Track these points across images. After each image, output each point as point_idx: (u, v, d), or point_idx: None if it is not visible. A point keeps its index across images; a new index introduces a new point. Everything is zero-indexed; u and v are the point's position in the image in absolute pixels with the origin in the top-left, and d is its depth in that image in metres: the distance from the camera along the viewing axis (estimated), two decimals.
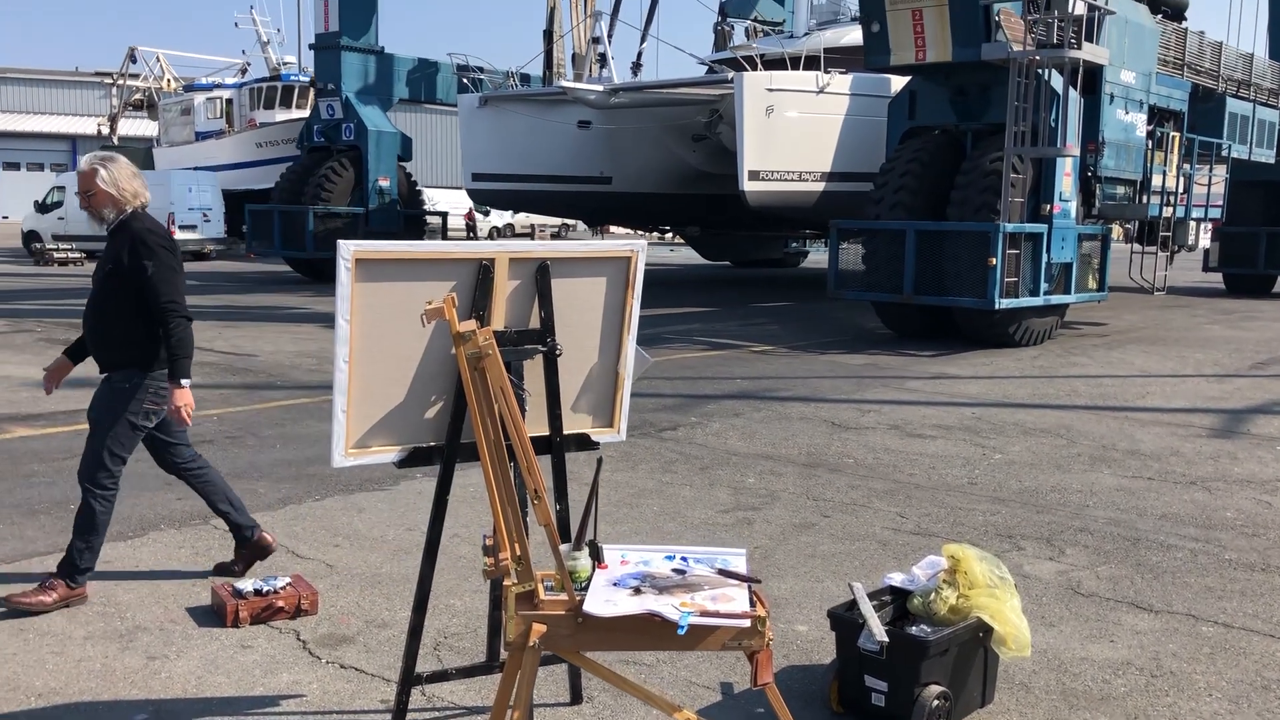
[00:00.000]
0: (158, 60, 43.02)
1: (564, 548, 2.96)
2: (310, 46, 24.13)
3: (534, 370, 3.40)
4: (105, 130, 45.60)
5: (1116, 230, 18.93)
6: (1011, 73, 13.24)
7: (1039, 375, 11.95)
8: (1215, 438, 8.70)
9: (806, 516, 6.15)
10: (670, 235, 34.88)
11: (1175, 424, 9.22)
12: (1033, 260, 14.06)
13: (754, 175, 17.79)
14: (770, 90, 17.56)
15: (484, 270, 3.22)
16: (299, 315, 16.90)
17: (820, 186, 18.65)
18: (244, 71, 40.40)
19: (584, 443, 3.59)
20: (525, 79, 24.84)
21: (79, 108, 62.66)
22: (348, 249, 3.07)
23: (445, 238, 25.93)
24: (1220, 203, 18.74)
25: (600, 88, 19.76)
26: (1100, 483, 7.08)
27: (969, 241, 13.66)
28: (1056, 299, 14.63)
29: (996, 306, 13.43)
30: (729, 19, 26.56)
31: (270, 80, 35.71)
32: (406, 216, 24.28)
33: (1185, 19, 21.05)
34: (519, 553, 2.85)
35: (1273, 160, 21.59)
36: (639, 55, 20.81)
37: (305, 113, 30.20)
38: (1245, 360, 13.50)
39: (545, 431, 3.43)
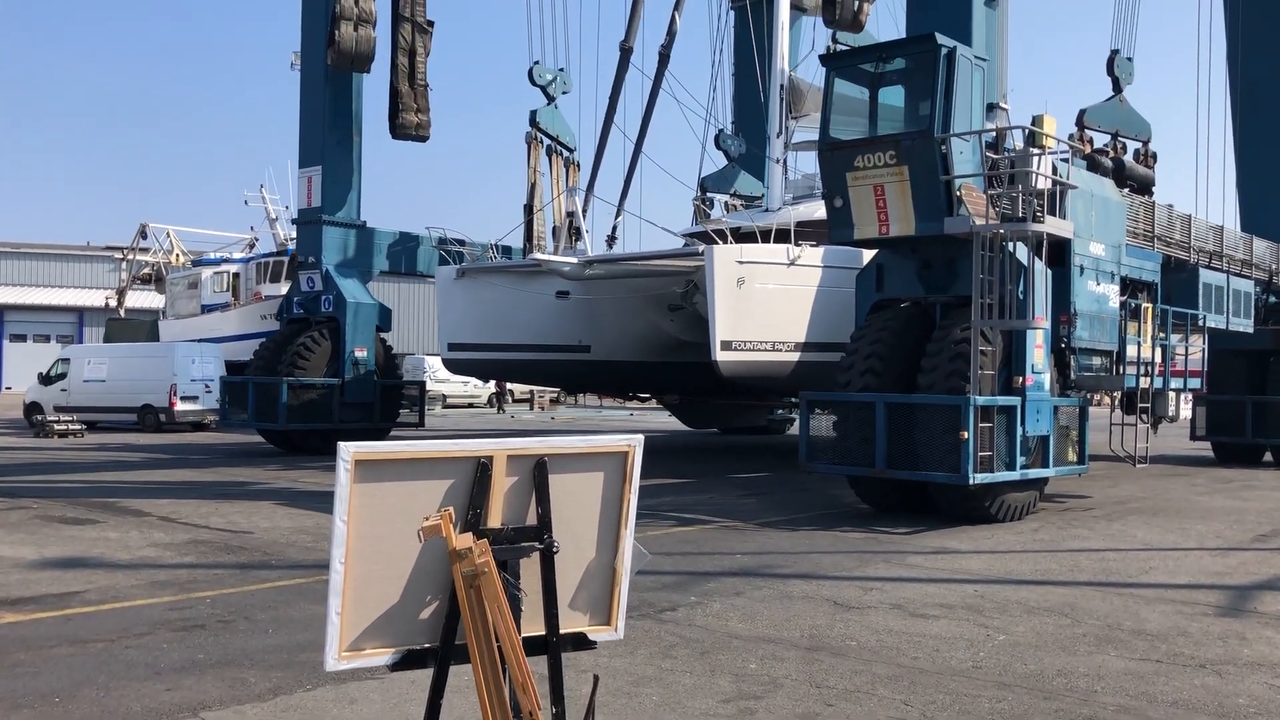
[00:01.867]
0: (168, 236, 44.09)
1: None
2: (293, 221, 24.50)
3: (530, 568, 3.40)
4: (113, 303, 46.38)
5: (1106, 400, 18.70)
6: (975, 246, 13.19)
7: (1041, 549, 11.78)
8: (1222, 616, 8.51)
9: (810, 706, 5.96)
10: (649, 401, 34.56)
11: (1181, 601, 9.06)
12: (1007, 433, 13.67)
13: (726, 345, 17.64)
14: (741, 262, 17.60)
15: (482, 468, 3.24)
16: (294, 492, 16.57)
17: (795, 356, 18.49)
18: (252, 246, 41.25)
19: (581, 642, 3.59)
20: (506, 251, 25.09)
21: (88, 281, 63.82)
22: (347, 451, 3.09)
23: (424, 408, 25.62)
24: (1200, 372, 18.48)
25: (575, 259, 19.87)
26: (1107, 665, 6.86)
27: (940, 414, 13.32)
28: (1034, 473, 14.19)
29: (971, 481, 12.98)
30: (708, 194, 27.08)
31: (277, 255, 36.36)
32: (383, 387, 24.07)
33: (1153, 193, 21.42)
34: None
35: (1251, 330, 21.54)
36: (614, 229, 21.07)
37: None
38: (1247, 532, 13.31)
39: (541, 631, 3.41)
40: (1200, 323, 18.81)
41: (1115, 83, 24.24)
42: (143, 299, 50.17)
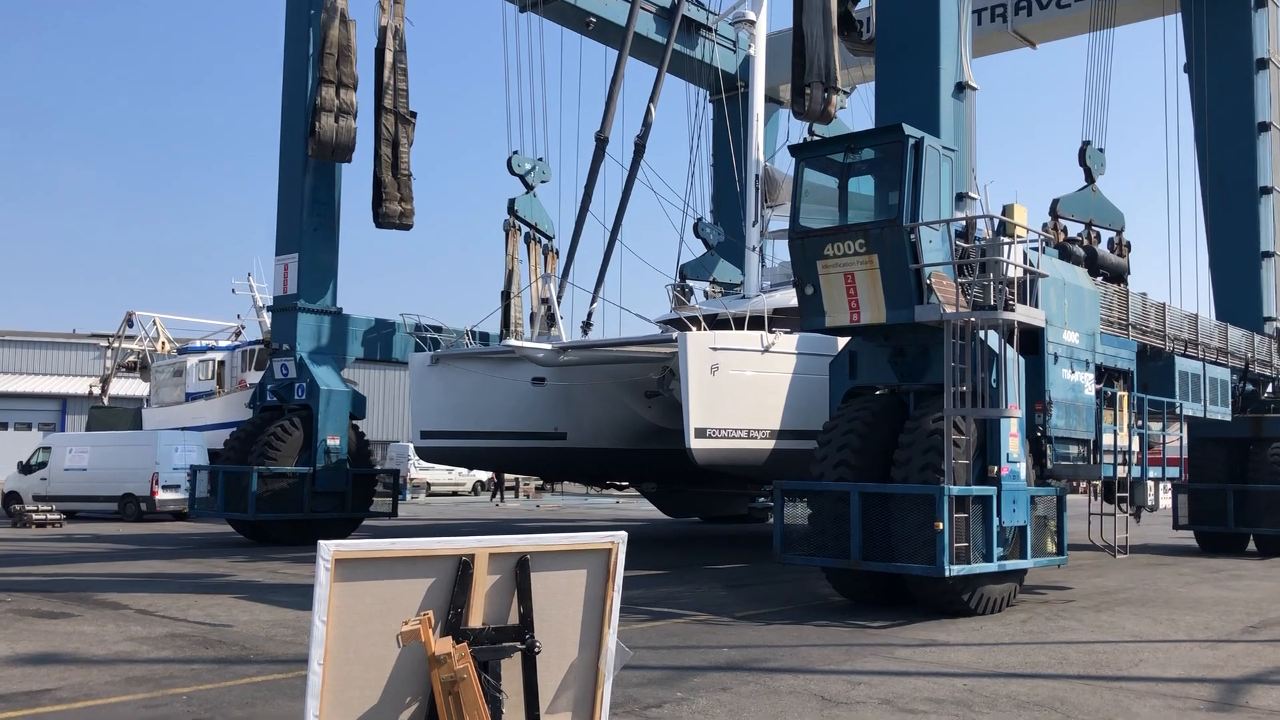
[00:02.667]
0: (154, 324, 44.00)
1: None
2: (268, 309, 24.38)
3: (512, 668, 3.33)
4: (96, 391, 46.12)
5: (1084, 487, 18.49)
6: (946, 334, 13.11)
7: (1029, 641, 11.62)
8: (1215, 711, 8.35)
9: None
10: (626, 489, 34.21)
11: (1172, 695, 8.92)
12: (984, 524, 13.43)
13: (700, 433, 17.47)
14: (715, 349, 17.52)
15: (463, 567, 3.19)
16: (274, 585, 16.23)
17: (770, 444, 18.30)
18: (238, 334, 41.15)
19: None
20: (484, 337, 25.01)
21: (71, 368, 63.46)
22: (328, 549, 3.07)
23: (397, 497, 25.22)
24: (1178, 460, 18.31)
25: (549, 346, 19.77)
26: None
27: (915, 505, 13.09)
28: (1012, 564, 13.90)
29: (947, 573, 12.69)
30: (688, 281, 27.15)
31: (263, 343, 36.17)
32: (356, 475, 23.70)
33: (1127, 281, 21.52)
34: None
35: (1229, 418, 21.47)
36: (589, 315, 21.03)
37: None
38: (1236, 624, 13.18)
39: None
40: (1177, 411, 18.73)
41: (1087, 173, 24.52)
42: (127, 387, 49.91)
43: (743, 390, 17.87)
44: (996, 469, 13.68)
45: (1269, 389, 24.50)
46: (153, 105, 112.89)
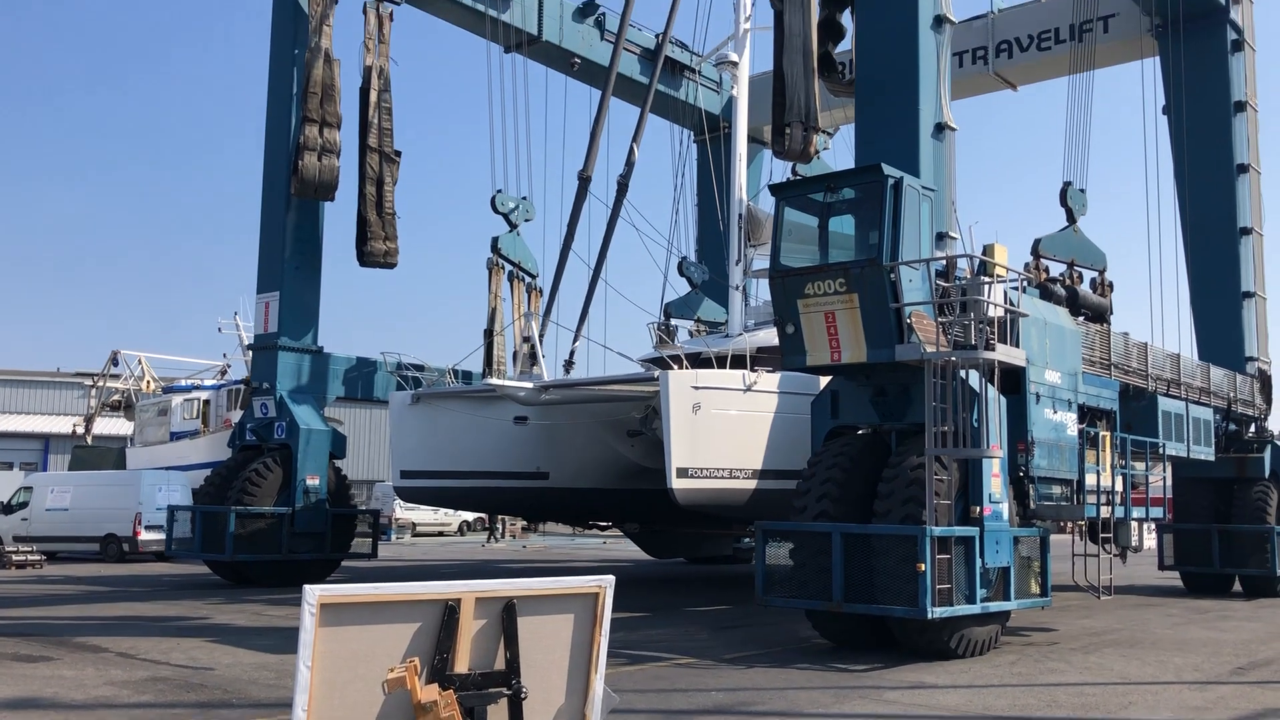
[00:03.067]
0: (139, 362, 43.73)
1: None
2: (248, 347, 24.21)
3: (499, 714, 3.30)
4: (80, 430, 45.69)
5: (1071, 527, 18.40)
6: (927, 374, 13.06)
7: (1018, 684, 11.51)
8: None
9: None
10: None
11: None
12: (966, 565, 13.31)
13: (682, 472, 17.30)
14: (696, 388, 17.41)
15: (449, 611, 3.17)
16: (257, 628, 15.96)
17: (752, 484, 18.15)
18: (224, 373, 40.96)
19: None
20: (466, 376, 24.86)
21: (55, 407, 62.93)
22: (313, 594, 3.01)
23: (377, 538, 24.93)
24: (1161, 500, 18.25)
25: (530, 384, 19.64)
26: None
27: (896, 545, 12.98)
28: (995, 606, 13.76)
29: (929, 615, 12.54)
30: (672, 319, 27.10)
31: (245, 381, 35.92)
32: (335, 516, 23.43)
33: (1109, 321, 21.55)
34: None
35: (1213, 458, 21.45)
36: (571, 354, 20.90)
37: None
38: (1225, 665, 13.09)
39: None
40: (1160, 451, 18.69)
41: (1069, 213, 24.62)
42: (111, 426, 49.55)
43: (725, 429, 17.74)
44: (979, 509, 13.58)
45: (1252, 429, 24.53)
46: (143, 143, 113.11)
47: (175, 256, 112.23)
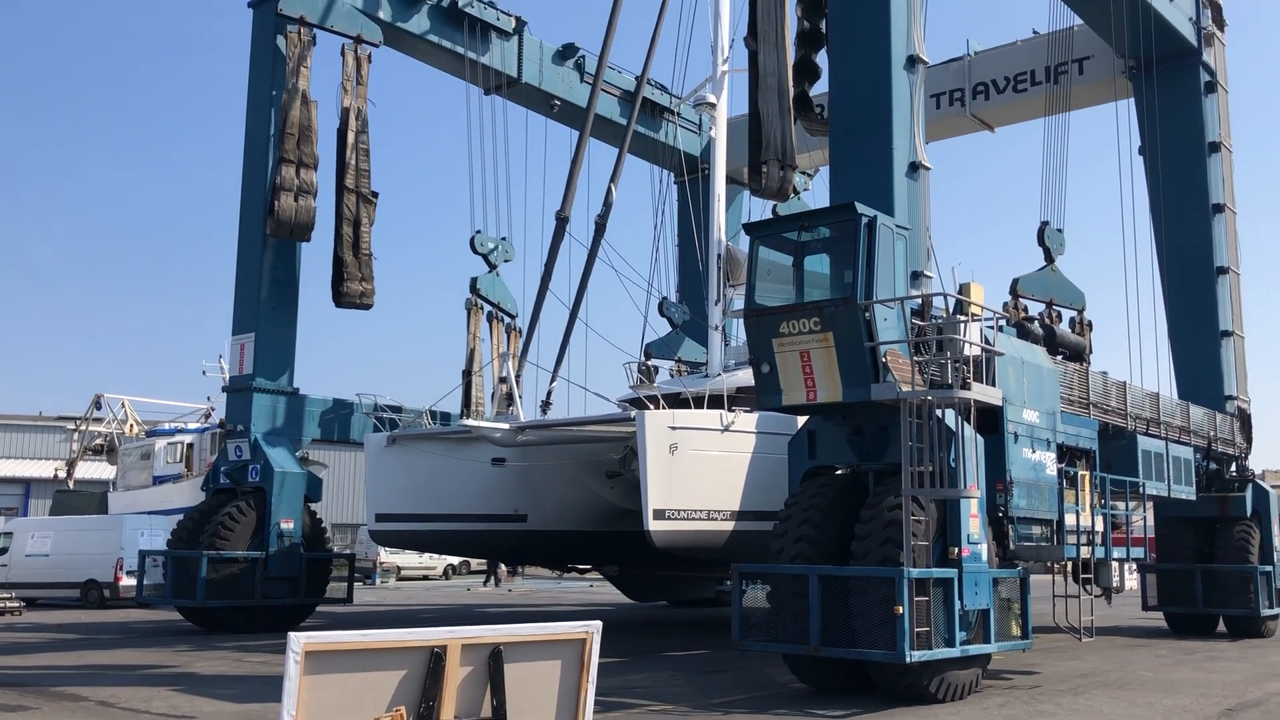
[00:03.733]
0: (123, 406, 43.34)
1: None
2: (223, 389, 23.97)
3: None
4: (61, 474, 45.19)
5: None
6: (903, 413, 12.93)
7: None
8: None
9: None
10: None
11: None
12: (945, 607, 13.11)
13: (659, 514, 17.07)
14: (673, 428, 17.23)
15: (435, 658, 3.15)
16: (240, 676, 15.61)
17: (730, 526, 17.93)
18: (208, 416, 40.54)
19: None
20: (445, 417, 24.63)
21: (37, 451, 62.26)
22: (297, 641, 3.01)
23: (353, 582, 24.55)
24: (1142, 540, 18.08)
25: (506, 426, 19.44)
26: None
27: (874, 587, 12.76)
28: (976, 649, 13.54)
29: (907, 659, 12.31)
30: (653, 360, 26.98)
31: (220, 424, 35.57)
32: (310, 559, 23.07)
33: (1087, 360, 21.54)
34: None
35: (1194, 497, 21.35)
36: (549, 394, 20.73)
37: None
38: (1214, 706, 12.97)
39: None
40: (1141, 490, 18.58)
41: (1047, 253, 24.73)
42: (94, 470, 49.03)
43: (702, 470, 17.54)
44: (957, 550, 13.41)
45: (1233, 468, 24.48)
46: (124, 183, 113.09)
47: (159, 299, 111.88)
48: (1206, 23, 26.69)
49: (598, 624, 3.48)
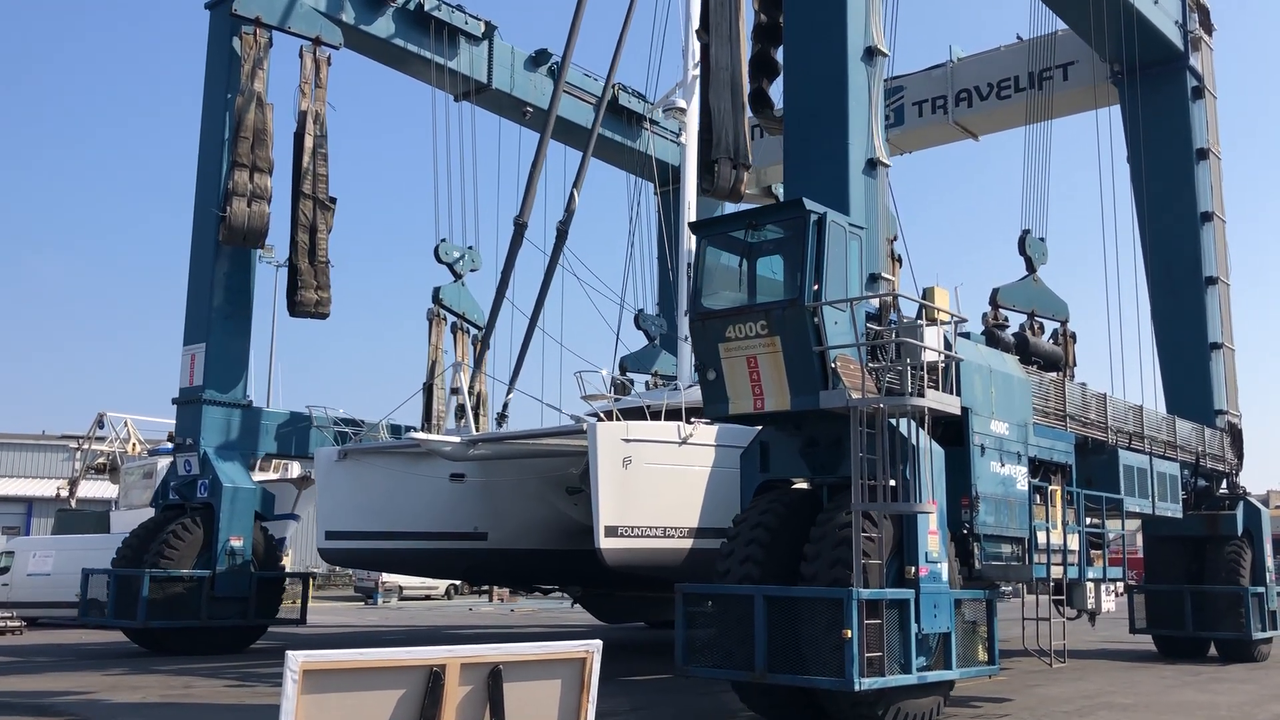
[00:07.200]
0: (125, 425, 42.67)
1: None
2: (173, 401, 23.16)
3: None
4: (64, 493, 44.60)
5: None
6: (852, 422, 12.08)
7: None
8: None
9: None
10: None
11: None
12: (901, 630, 12.21)
13: (611, 531, 16.22)
14: (627, 441, 16.41)
15: (434, 678, 3.24)
16: (242, 707, 14.85)
17: (687, 544, 17.07)
18: None
19: None
20: (402, 430, 23.81)
21: (39, 470, 61.66)
22: (295, 660, 2.97)
23: (306, 601, 23.67)
24: (1120, 559, 17.08)
25: (457, 439, 18.63)
26: None
27: (822, 610, 11.88)
28: (935, 675, 12.64)
29: (856, 686, 11.42)
30: (629, 373, 26.21)
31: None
32: (260, 579, 22.20)
33: (1065, 371, 20.67)
34: None
35: (1180, 515, 20.43)
36: (505, 406, 19.94)
37: (270, 474, 29.36)
38: None
39: None
40: (1122, 507, 17.66)
41: (1028, 262, 23.89)
42: (97, 489, 48.40)
43: (658, 485, 16.70)
44: (914, 570, 12.51)
45: (1223, 484, 23.57)
46: (127, 203, 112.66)
47: (162, 318, 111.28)
48: (1193, 26, 25.94)
49: (598, 643, 3.58)
